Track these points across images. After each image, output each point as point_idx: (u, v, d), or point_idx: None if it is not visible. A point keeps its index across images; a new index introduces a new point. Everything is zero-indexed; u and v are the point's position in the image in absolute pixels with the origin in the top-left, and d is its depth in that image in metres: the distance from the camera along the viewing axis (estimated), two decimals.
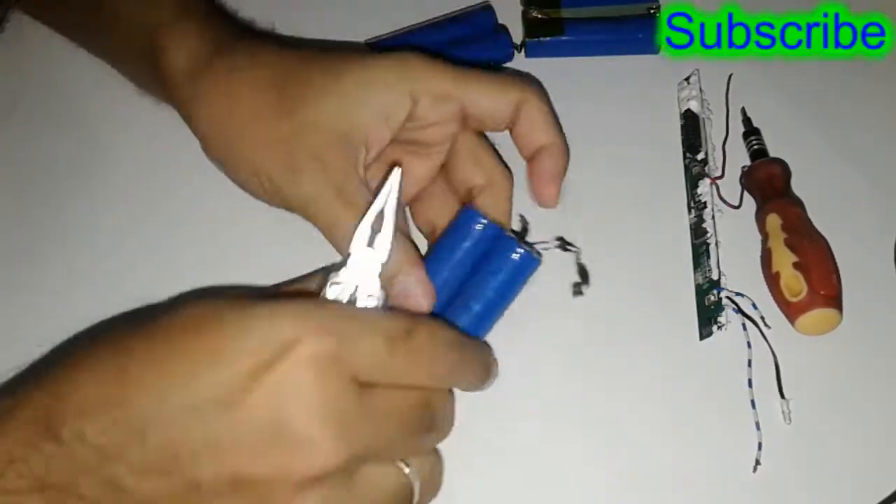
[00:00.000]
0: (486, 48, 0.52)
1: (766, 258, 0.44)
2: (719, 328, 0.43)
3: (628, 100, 0.52)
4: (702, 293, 0.44)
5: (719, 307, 0.43)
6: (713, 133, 0.49)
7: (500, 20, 0.54)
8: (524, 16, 0.53)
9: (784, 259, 0.43)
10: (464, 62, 0.43)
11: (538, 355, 0.43)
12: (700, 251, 0.45)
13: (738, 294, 0.43)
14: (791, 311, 0.42)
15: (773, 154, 0.48)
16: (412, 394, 0.32)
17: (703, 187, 0.47)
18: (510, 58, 0.53)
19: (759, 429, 0.40)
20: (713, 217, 0.46)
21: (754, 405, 0.41)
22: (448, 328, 0.34)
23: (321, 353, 0.29)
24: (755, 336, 0.43)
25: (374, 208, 0.36)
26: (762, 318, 0.43)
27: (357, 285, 0.35)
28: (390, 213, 0.36)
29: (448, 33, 0.52)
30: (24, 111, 0.53)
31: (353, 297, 0.35)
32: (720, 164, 0.48)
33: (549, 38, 0.53)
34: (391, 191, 0.36)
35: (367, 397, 0.30)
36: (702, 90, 0.50)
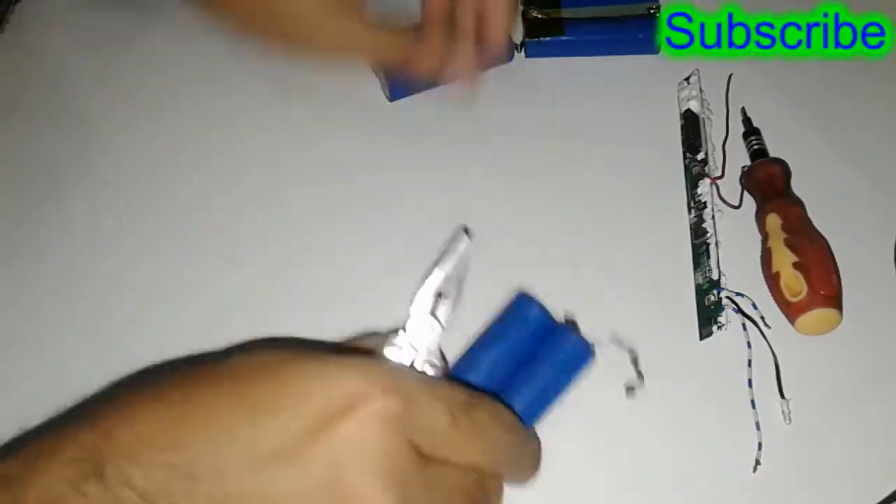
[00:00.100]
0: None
1: (766, 258, 0.44)
2: (719, 328, 0.43)
3: (628, 100, 0.52)
4: (702, 293, 0.44)
5: (719, 307, 0.43)
6: (713, 133, 0.49)
7: None
8: (524, 16, 0.54)
9: (784, 259, 0.43)
10: None
11: None
12: (700, 251, 0.45)
13: (738, 294, 0.43)
14: (791, 311, 0.42)
15: (773, 154, 0.48)
16: (469, 473, 0.30)
17: (703, 187, 0.47)
18: (510, 58, 0.53)
19: (759, 429, 0.40)
20: (713, 217, 0.46)
21: (754, 405, 0.41)
22: (507, 410, 0.32)
23: (388, 413, 0.27)
24: (755, 336, 0.43)
25: (439, 273, 0.34)
26: (762, 318, 0.43)
27: (416, 350, 0.33)
28: (456, 282, 0.34)
29: None
30: (24, 111, 0.53)
31: (412, 364, 0.33)
32: (720, 164, 0.48)
33: (549, 38, 0.53)
34: (457, 258, 0.34)
35: (426, 467, 0.28)
36: (702, 90, 0.50)
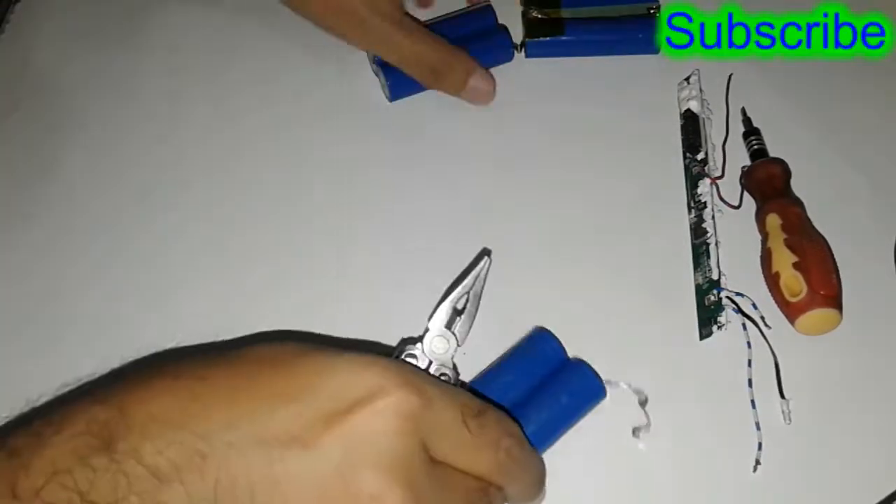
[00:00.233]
0: (486, 48, 0.52)
1: (766, 258, 0.44)
2: (719, 328, 0.43)
3: (628, 100, 0.52)
4: (702, 293, 0.44)
5: (719, 307, 0.43)
6: (713, 133, 0.49)
7: (500, 20, 0.54)
8: (524, 16, 0.54)
9: (784, 259, 0.43)
10: None
11: None
12: (700, 251, 0.45)
13: (738, 294, 0.43)
14: (791, 311, 0.42)
15: (773, 154, 0.48)
16: (475, 480, 0.31)
17: (703, 187, 0.47)
18: (510, 58, 0.53)
19: (759, 429, 0.40)
20: (713, 217, 0.46)
21: (754, 405, 0.41)
22: (515, 423, 0.33)
23: (404, 408, 0.28)
24: (755, 336, 0.42)
25: (461, 290, 0.36)
26: (762, 318, 0.43)
27: (430, 360, 0.35)
28: (474, 300, 0.36)
29: (448, 33, 0.52)
30: (23, 111, 0.53)
31: (427, 369, 0.35)
32: (720, 164, 0.48)
33: (549, 38, 0.53)
34: (478, 278, 0.36)
35: (434, 468, 0.29)
36: (702, 90, 0.50)
